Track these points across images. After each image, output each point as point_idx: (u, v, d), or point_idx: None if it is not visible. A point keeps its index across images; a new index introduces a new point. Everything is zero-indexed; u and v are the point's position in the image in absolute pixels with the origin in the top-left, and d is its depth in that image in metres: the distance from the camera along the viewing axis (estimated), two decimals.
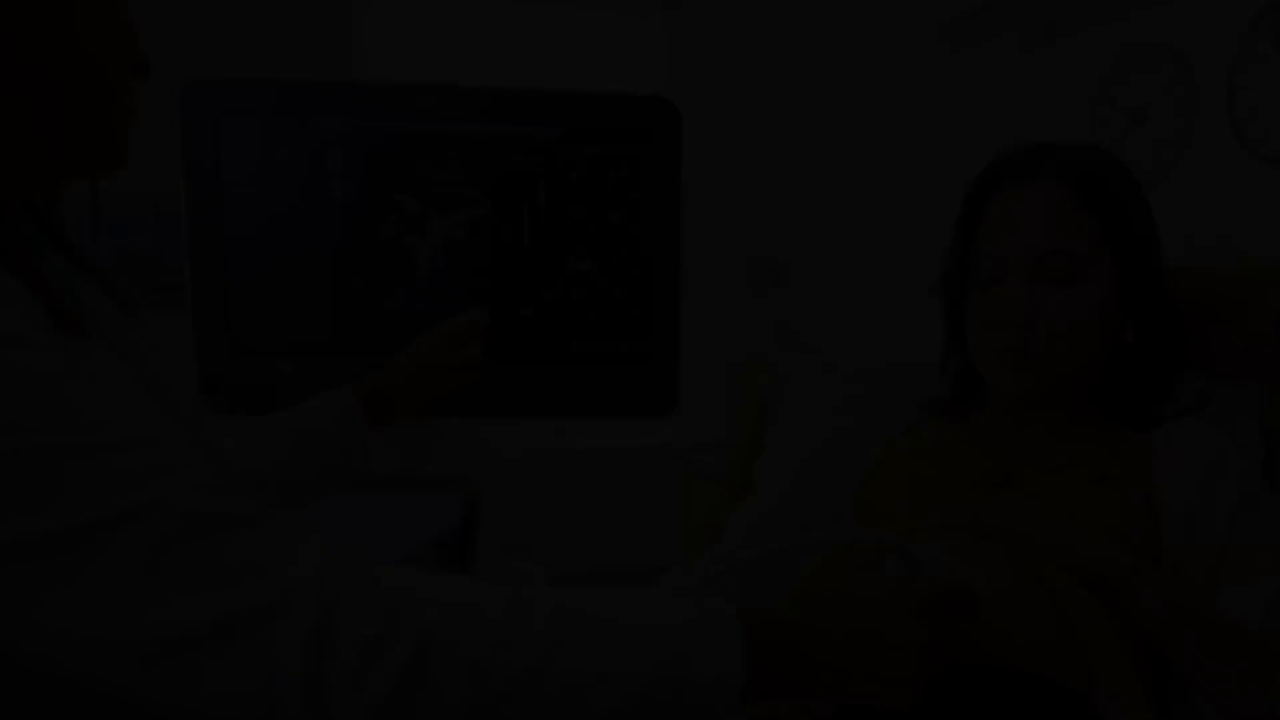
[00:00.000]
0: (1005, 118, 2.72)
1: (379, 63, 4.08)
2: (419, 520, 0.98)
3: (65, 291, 0.64)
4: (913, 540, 0.81)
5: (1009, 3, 2.43)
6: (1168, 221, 1.06)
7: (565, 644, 0.57)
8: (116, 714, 0.53)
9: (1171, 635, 0.85)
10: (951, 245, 1.08)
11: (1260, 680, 0.81)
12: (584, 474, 4.68)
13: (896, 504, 1.02)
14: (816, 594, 0.70)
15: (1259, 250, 1.26)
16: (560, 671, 0.57)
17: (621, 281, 1.15)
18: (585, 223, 1.14)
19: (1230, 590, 0.89)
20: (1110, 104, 2.40)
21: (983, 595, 0.74)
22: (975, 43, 2.67)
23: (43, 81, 0.60)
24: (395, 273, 1.14)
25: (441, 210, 1.13)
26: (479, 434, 3.63)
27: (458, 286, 1.14)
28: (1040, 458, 1.01)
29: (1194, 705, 0.89)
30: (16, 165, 0.61)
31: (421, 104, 1.12)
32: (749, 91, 4.09)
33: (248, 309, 1.14)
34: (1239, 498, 0.92)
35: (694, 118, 1.14)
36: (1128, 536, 0.91)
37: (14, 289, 0.53)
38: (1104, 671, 0.82)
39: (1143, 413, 1.02)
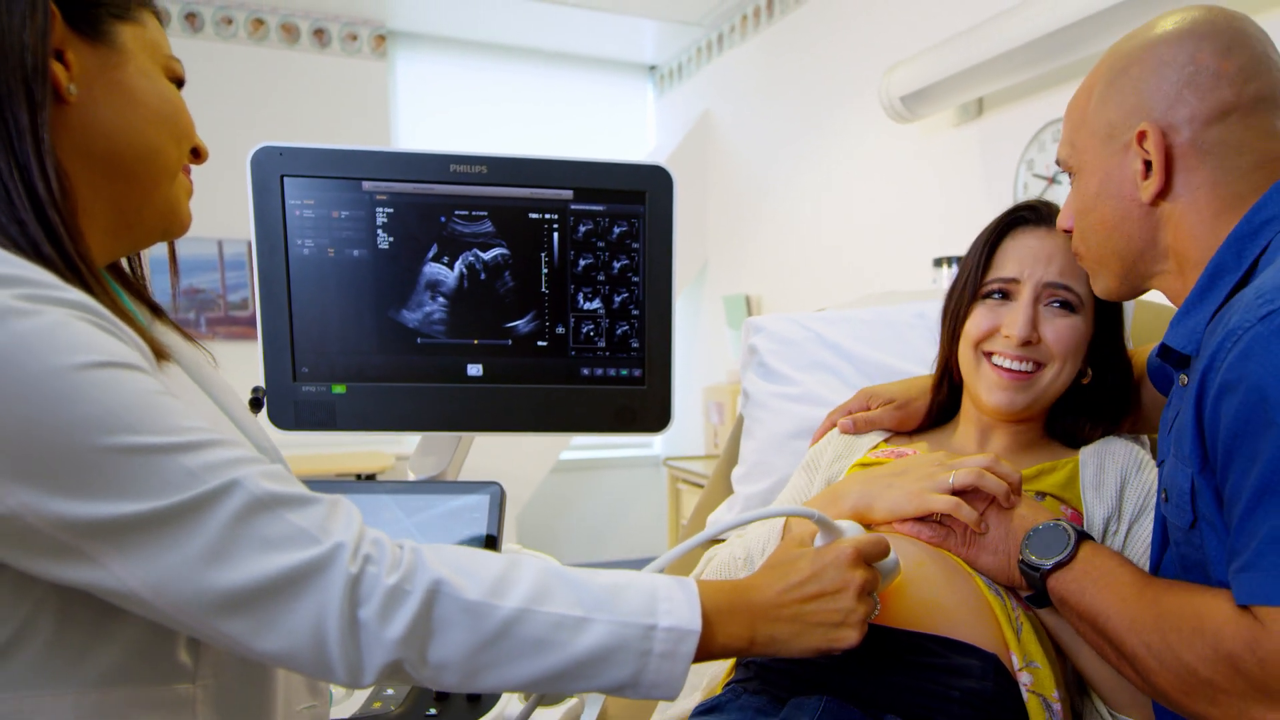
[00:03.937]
0: (942, 181, 2.77)
1: (415, 134, 4.15)
2: (453, 518, 0.99)
3: (150, 328, 0.71)
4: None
5: (944, 85, 2.48)
6: None
7: (549, 594, 0.63)
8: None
9: (1064, 628, 0.88)
10: (963, 270, 1.06)
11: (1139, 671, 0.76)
12: (588, 479, 4.69)
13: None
14: (761, 568, 0.74)
15: (1154, 296, 1.30)
16: (545, 615, 0.62)
17: (623, 319, 1.17)
18: (593, 269, 1.17)
19: None
20: (1030, 169, 2.45)
21: (911, 576, 0.77)
22: (916, 118, 2.72)
23: (124, 172, 0.66)
24: (431, 310, 1.16)
25: (471, 258, 1.15)
26: (503, 445, 3.64)
27: (485, 323, 1.16)
28: None
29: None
30: (102, 235, 0.68)
31: (455, 169, 1.15)
32: (729, 158, 4.13)
33: (307, 340, 1.15)
34: (1141, 509, 0.94)
35: (682, 180, 1.17)
36: None
37: (122, 328, 0.59)
38: (1015, 642, 0.83)
39: (1078, 434, 1.05)
